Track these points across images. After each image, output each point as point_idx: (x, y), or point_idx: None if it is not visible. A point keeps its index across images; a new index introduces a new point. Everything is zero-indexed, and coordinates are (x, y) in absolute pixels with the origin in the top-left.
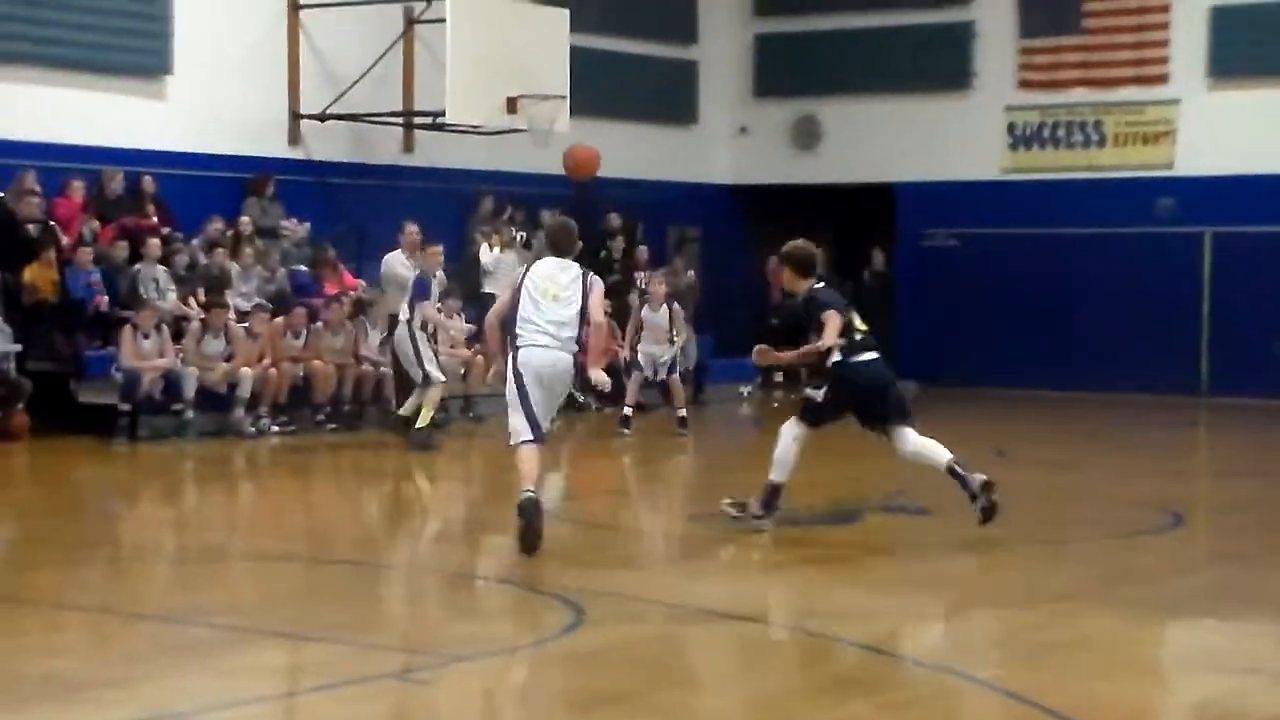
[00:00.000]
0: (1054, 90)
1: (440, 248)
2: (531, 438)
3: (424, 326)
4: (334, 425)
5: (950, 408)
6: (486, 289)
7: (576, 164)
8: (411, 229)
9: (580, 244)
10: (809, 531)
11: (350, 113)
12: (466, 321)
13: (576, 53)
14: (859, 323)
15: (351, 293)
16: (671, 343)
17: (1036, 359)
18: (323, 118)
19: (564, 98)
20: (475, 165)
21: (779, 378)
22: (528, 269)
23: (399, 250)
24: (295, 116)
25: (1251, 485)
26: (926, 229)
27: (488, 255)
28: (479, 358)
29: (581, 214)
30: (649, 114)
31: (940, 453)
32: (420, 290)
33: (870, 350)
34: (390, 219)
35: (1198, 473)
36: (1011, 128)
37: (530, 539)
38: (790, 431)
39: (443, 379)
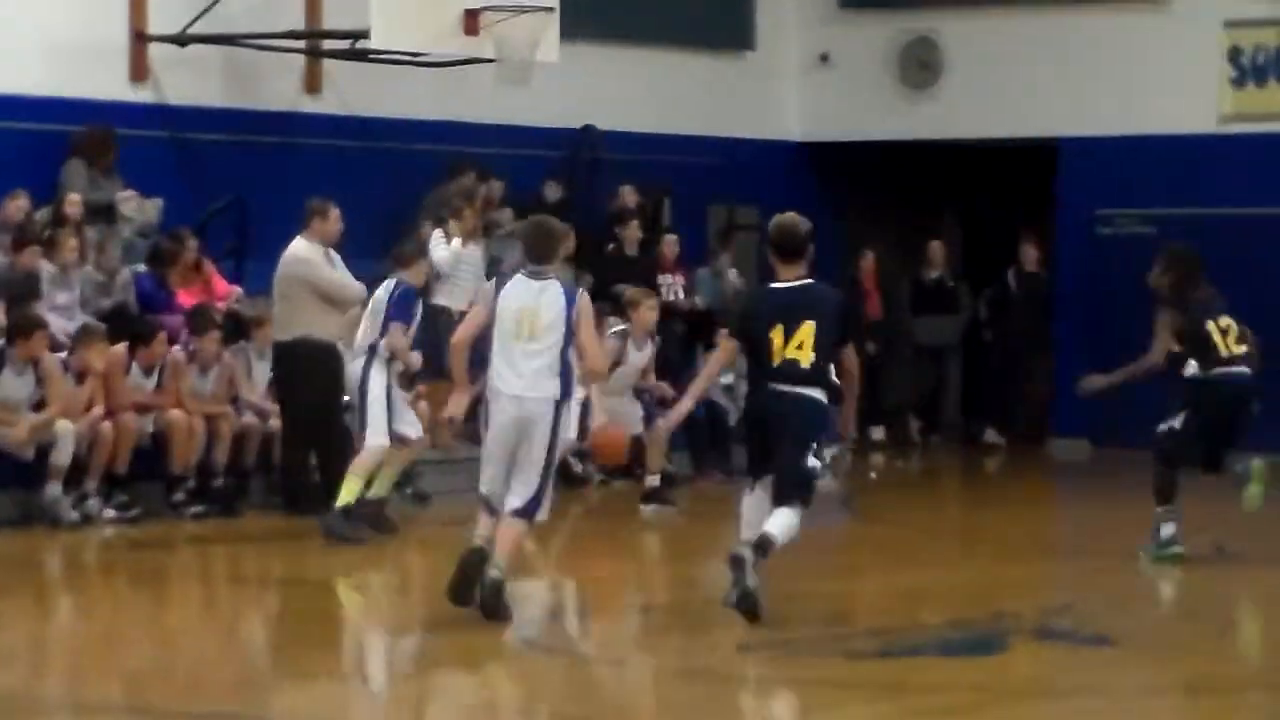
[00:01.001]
0: None
1: (337, 212)
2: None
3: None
4: (200, 507)
5: (1139, 478)
6: (438, 300)
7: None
8: (335, 212)
9: (568, 246)
10: (926, 666)
11: (225, 33)
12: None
13: None
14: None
15: (221, 304)
16: (638, 396)
17: (1267, 406)
18: (182, 40)
19: (551, 10)
20: (415, 113)
21: (878, 434)
22: (499, 291)
23: (305, 238)
24: (140, 38)
25: None
26: (1105, 209)
27: (443, 250)
28: (422, 404)
29: (580, 186)
30: (680, 36)
31: None
32: (403, 308)
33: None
34: (286, 193)
35: None
36: (1235, 54)
37: (459, 591)
38: None
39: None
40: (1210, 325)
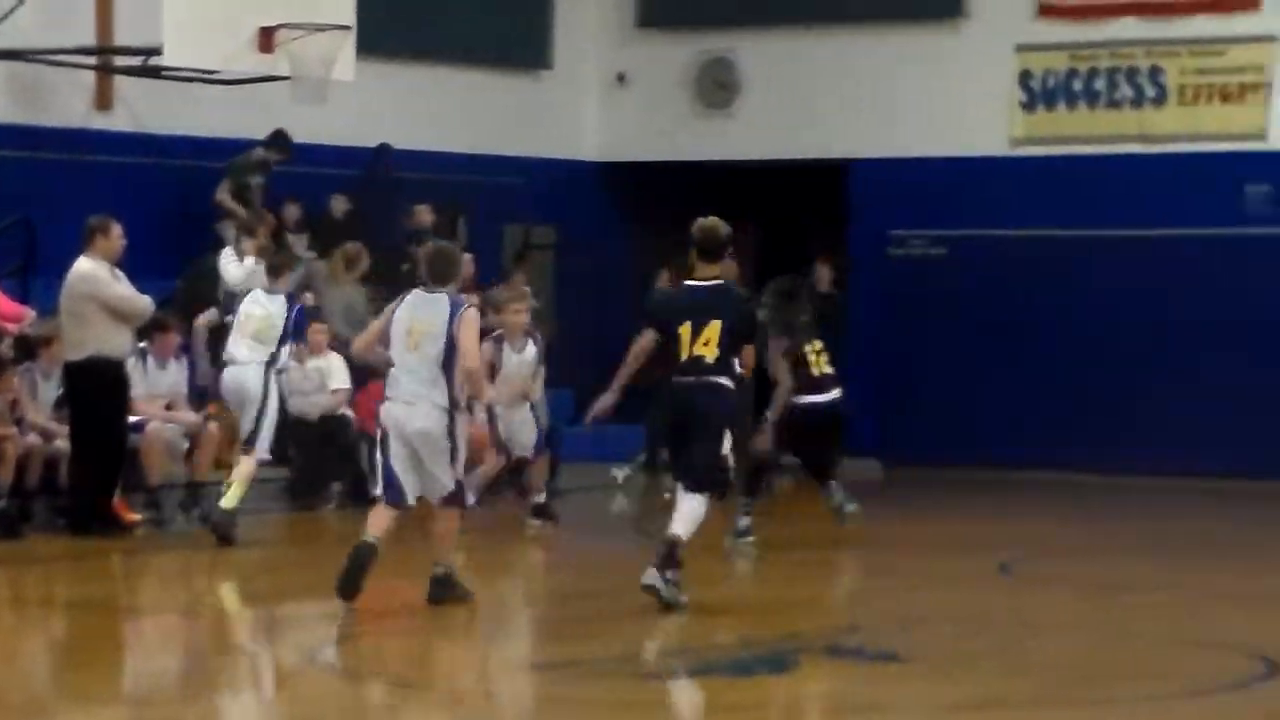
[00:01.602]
0: (1088, 20)
1: (119, 229)
2: (383, 497)
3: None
4: None
5: (927, 497)
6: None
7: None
8: (117, 229)
9: (457, 269)
10: (718, 685)
11: (13, 48)
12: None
13: None
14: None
15: (13, 327)
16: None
17: (1061, 426)
18: None
19: (347, 29)
20: (208, 130)
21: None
22: (396, 304)
23: (89, 256)
24: None
25: None
26: (897, 230)
27: (236, 268)
28: (211, 426)
29: (375, 205)
30: (476, 55)
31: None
32: (300, 326)
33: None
34: (76, 211)
35: None
36: (1025, 78)
37: (347, 584)
38: None
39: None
40: (807, 348)
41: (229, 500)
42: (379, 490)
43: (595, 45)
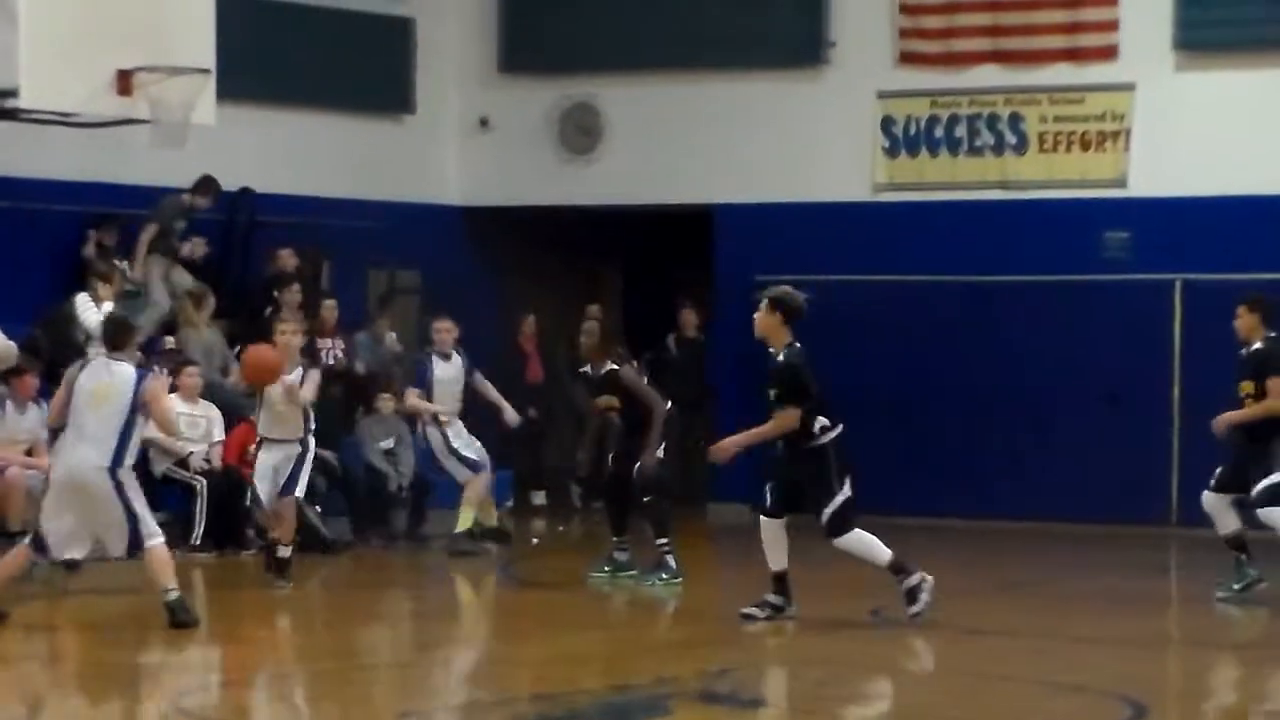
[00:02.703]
0: (949, 68)
1: None
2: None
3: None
4: None
5: (796, 542)
6: None
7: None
8: None
9: (133, 337)
10: None
11: None
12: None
13: (227, 5)
14: None
15: None
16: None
17: (929, 471)
18: None
19: (207, 72)
20: (66, 173)
21: (539, 499)
22: (76, 370)
23: None
24: None
25: (1241, 658)
26: (763, 274)
27: (93, 314)
28: None
29: (237, 249)
30: (339, 99)
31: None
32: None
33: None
34: None
35: (1167, 640)
36: (888, 124)
37: None
38: None
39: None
40: None
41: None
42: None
43: (458, 89)
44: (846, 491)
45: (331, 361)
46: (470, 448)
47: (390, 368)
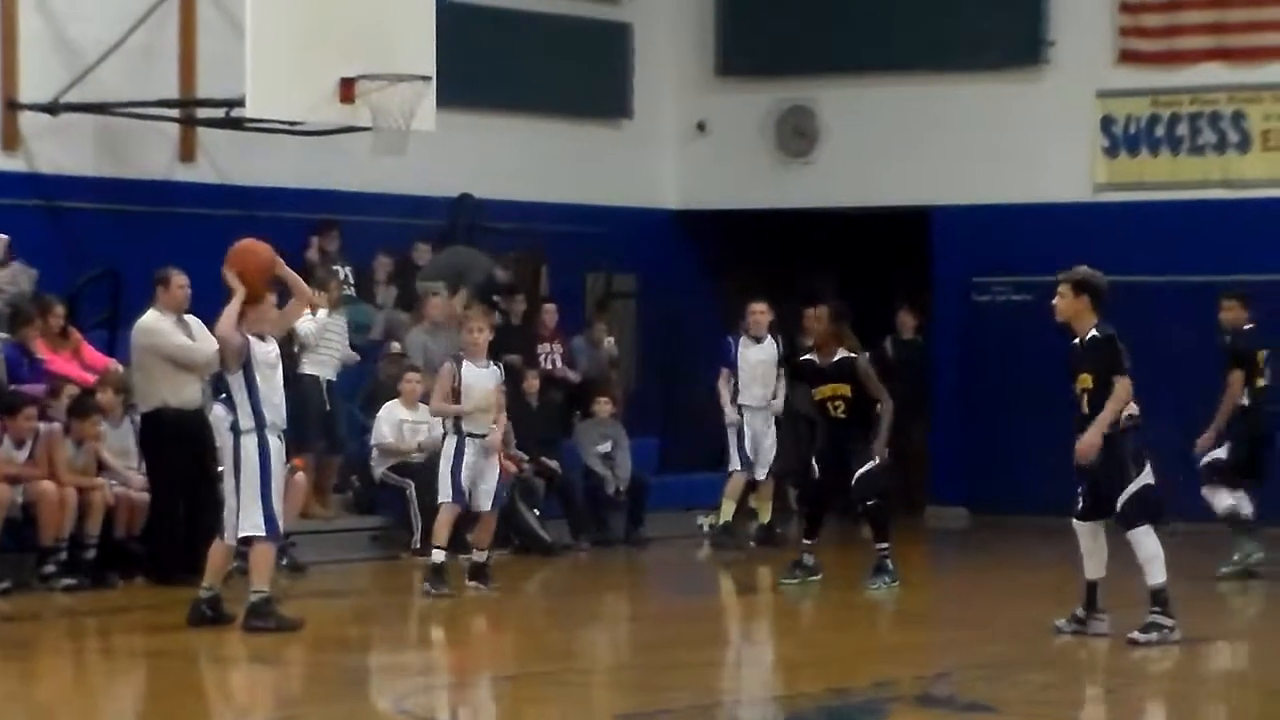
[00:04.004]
0: (1169, 66)
1: (182, 279)
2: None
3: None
4: (72, 580)
5: (1014, 545)
6: (306, 369)
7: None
8: (178, 279)
9: None
10: None
11: (98, 101)
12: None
13: (446, 12)
14: None
15: (98, 372)
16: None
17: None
18: (55, 109)
19: (428, 79)
20: (290, 180)
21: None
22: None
23: (155, 308)
24: (11, 107)
25: None
26: (980, 276)
27: (307, 321)
28: (300, 475)
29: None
30: (557, 104)
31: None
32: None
33: None
34: (161, 263)
35: None
36: (1107, 124)
37: None
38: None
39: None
40: None
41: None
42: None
43: (675, 94)
44: (1146, 478)
45: (551, 366)
46: (759, 444)
47: (607, 371)
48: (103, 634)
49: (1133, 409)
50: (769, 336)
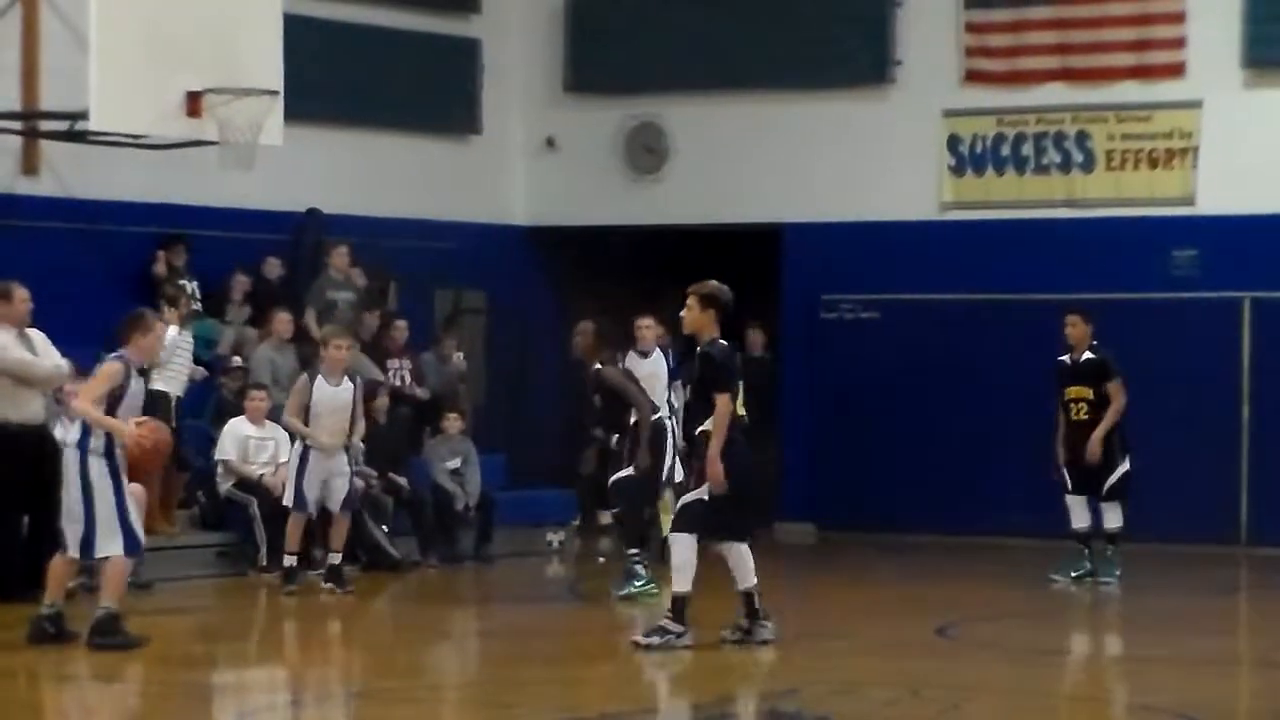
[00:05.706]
0: (1016, 86)
1: (23, 293)
2: None
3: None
4: None
5: (862, 561)
6: (156, 385)
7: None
8: (20, 294)
9: None
10: None
11: None
12: None
13: (295, 26)
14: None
15: None
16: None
17: (995, 490)
18: None
19: (276, 93)
20: (136, 194)
21: (606, 518)
22: None
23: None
24: None
25: None
26: (829, 294)
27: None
28: (138, 488)
29: (305, 269)
30: (407, 120)
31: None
32: None
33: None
34: (3, 276)
35: (1236, 660)
36: (953, 143)
37: None
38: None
39: None
40: None
41: None
42: None
43: (524, 110)
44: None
45: (399, 382)
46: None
47: (456, 387)
48: None
49: None
50: (657, 350)
